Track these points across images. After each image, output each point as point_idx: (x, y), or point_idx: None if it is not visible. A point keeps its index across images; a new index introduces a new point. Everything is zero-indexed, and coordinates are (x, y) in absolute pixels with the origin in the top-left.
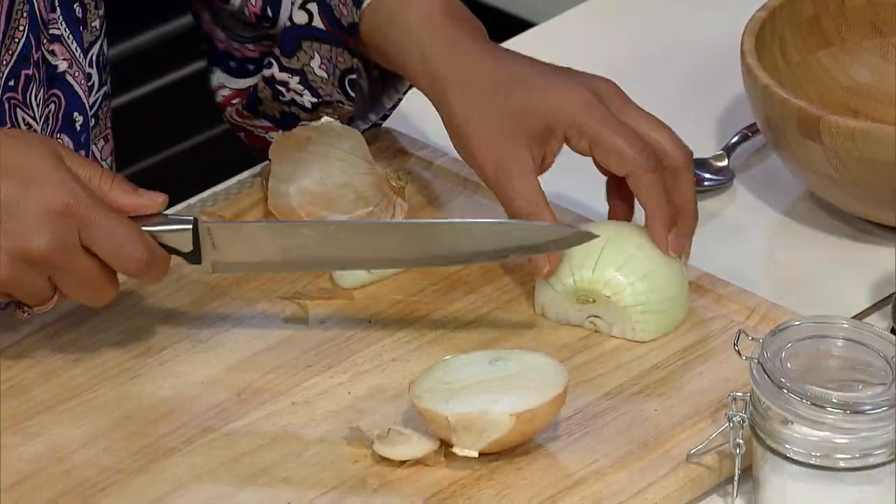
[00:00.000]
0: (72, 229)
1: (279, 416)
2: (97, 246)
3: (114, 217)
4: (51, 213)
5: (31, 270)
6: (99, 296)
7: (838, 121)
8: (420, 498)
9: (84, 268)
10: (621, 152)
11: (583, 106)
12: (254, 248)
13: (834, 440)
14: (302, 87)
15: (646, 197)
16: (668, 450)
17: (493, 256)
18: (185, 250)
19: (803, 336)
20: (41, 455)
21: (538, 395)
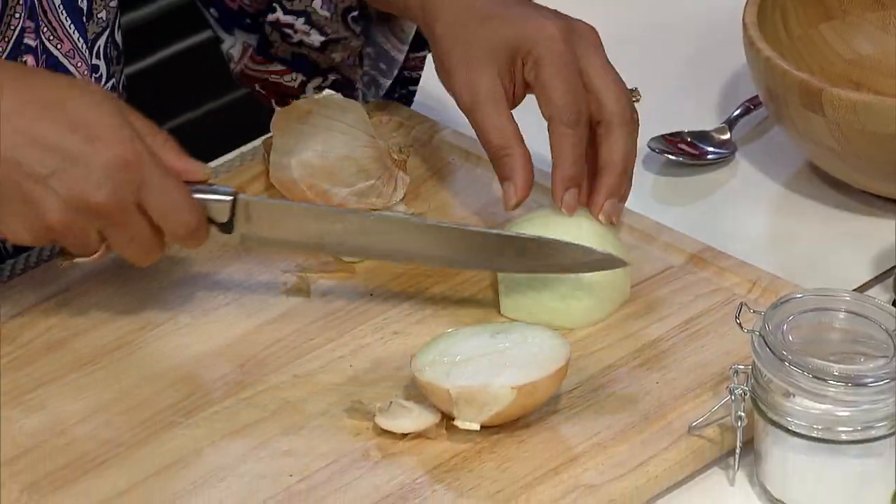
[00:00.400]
0: (131, 186)
1: (281, 388)
2: (152, 205)
3: (170, 179)
4: (113, 168)
5: (85, 221)
6: (145, 255)
7: (840, 93)
8: (422, 470)
9: (136, 226)
10: (550, 94)
11: (545, 37)
12: (289, 228)
13: (835, 413)
14: (308, 27)
15: (554, 147)
16: (670, 422)
17: (521, 269)
18: (221, 220)
19: (805, 309)
20: (42, 428)
21: (539, 368)
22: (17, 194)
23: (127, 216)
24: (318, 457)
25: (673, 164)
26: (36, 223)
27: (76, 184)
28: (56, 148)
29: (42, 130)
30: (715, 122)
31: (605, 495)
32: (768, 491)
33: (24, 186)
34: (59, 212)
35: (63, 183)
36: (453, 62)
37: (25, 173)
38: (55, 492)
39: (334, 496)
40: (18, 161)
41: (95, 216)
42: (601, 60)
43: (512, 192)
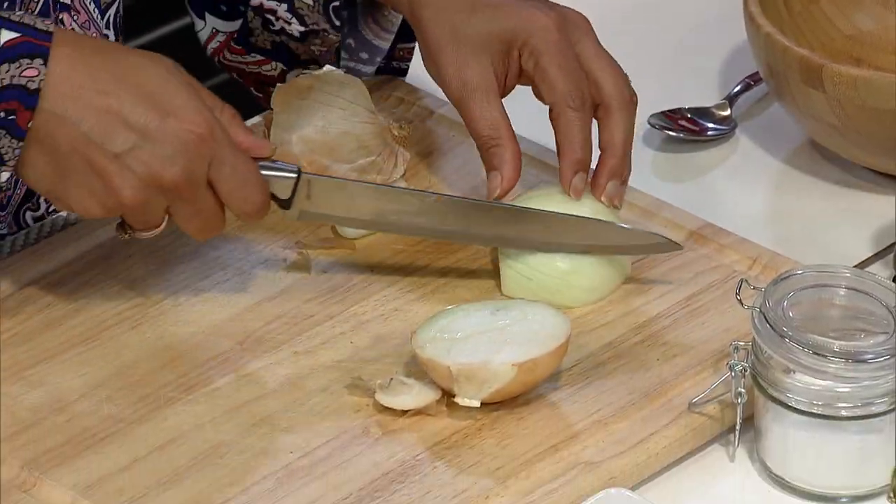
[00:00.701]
0: (203, 161)
1: (281, 365)
2: (221, 181)
3: (240, 155)
4: (187, 144)
5: (157, 198)
6: (209, 230)
7: (841, 69)
8: (422, 447)
9: (204, 201)
10: (553, 81)
11: (539, 28)
12: (348, 205)
13: (835, 389)
14: (290, 15)
15: (560, 132)
16: (670, 399)
17: (574, 249)
18: (283, 197)
19: (805, 285)
20: (42, 404)
21: (540, 345)
22: (88, 169)
23: (197, 191)
24: (318, 433)
25: (673, 140)
26: (108, 199)
27: (151, 161)
28: (130, 124)
29: (115, 105)
30: (715, 98)
31: (605, 472)
32: (768, 467)
33: (98, 162)
34: (134, 189)
35: (138, 160)
36: (442, 52)
37: (99, 149)
38: (55, 468)
39: (334, 473)
40: (91, 136)
41: (168, 192)
42: (595, 46)
43: (497, 182)
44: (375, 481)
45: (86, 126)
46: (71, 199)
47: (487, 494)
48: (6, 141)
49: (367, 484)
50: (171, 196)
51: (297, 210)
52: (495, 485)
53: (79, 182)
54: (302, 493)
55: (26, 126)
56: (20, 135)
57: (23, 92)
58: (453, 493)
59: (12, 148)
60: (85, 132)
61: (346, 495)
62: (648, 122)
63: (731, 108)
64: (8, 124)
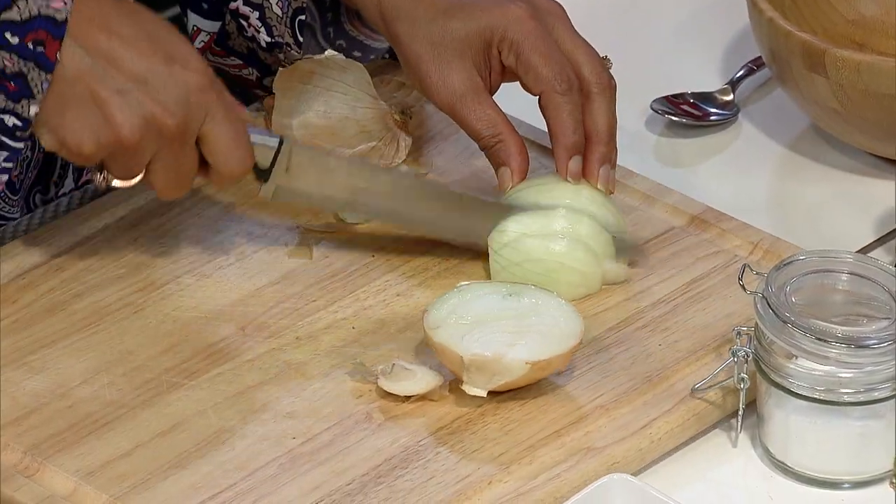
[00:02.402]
0: (201, 112)
1: (283, 350)
2: (214, 134)
3: (234, 113)
4: (189, 92)
5: (150, 141)
6: (176, 188)
7: (843, 54)
8: (425, 433)
9: (188, 154)
10: (537, 69)
11: (513, 20)
12: (324, 181)
13: (838, 374)
14: (260, 24)
15: (552, 118)
16: (672, 384)
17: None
18: (263, 165)
19: (808, 270)
20: (45, 390)
21: (553, 344)
22: (91, 100)
23: (187, 142)
24: (320, 419)
25: (675, 125)
26: (105, 134)
27: (153, 103)
28: (137, 63)
29: (125, 43)
30: (718, 83)
31: (607, 458)
32: (770, 453)
33: (102, 95)
34: (133, 127)
35: (141, 100)
36: (424, 64)
37: (104, 82)
38: (58, 454)
39: (337, 458)
40: (97, 69)
41: (162, 137)
42: (571, 31)
43: (508, 176)
44: (378, 467)
45: (95, 59)
46: (67, 131)
47: (490, 480)
48: (35, 73)
49: (369, 470)
50: (163, 141)
51: (273, 184)
52: (498, 470)
53: (78, 114)
54: (305, 478)
55: (55, 57)
56: (49, 66)
57: (50, 22)
58: (456, 479)
59: (41, 80)
60: (92, 64)
61: (348, 481)
62: (651, 107)
63: (733, 93)
64: (37, 56)
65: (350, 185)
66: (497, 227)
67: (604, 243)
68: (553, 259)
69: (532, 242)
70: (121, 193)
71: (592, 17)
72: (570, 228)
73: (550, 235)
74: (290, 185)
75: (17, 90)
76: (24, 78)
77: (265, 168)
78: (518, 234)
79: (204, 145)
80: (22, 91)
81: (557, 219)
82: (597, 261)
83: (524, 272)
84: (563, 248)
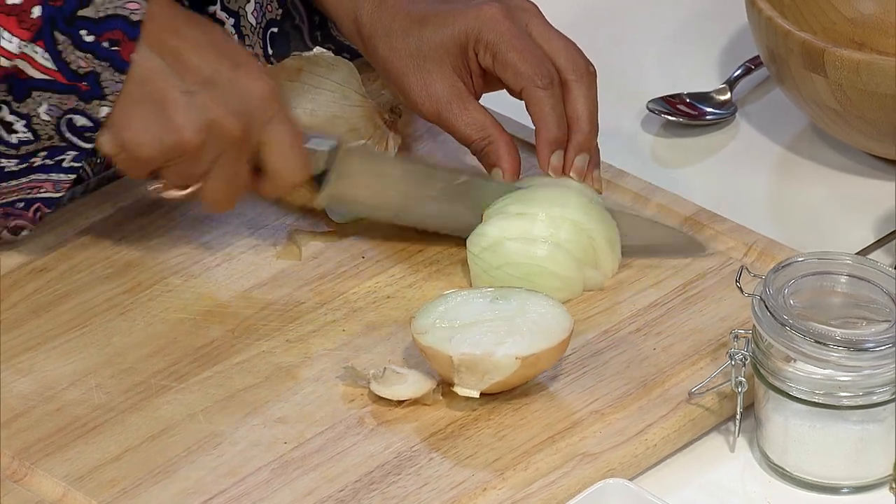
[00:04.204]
0: (263, 120)
1: (273, 353)
2: (275, 143)
3: (294, 122)
4: (254, 99)
5: (212, 147)
6: (226, 201)
7: (843, 53)
8: (418, 438)
9: (244, 164)
10: (515, 67)
11: (486, 20)
12: (377, 187)
13: (837, 378)
14: (233, 31)
15: (534, 113)
16: (668, 389)
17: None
18: (317, 171)
19: (806, 272)
20: (32, 393)
21: (543, 339)
22: (157, 99)
23: (247, 150)
24: (311, 424)
25: (672, 125)
26: (167, 136)
27: (219, 107)
28: (204, 67)
29: (193, 47)
30: (715, 82)
31: (603, 464)
32: (769, 457)
33: (169, 95)
34: (196, 131)
35: (206, 103)
36: (405, 77)
37: (172, 83)
38: (46, 458)
39: (329, 464)
40: (166, 70)
41: (223, 143)
42: (545, 25)
43: (500, 176)
44: (371, 473)
45: (164, 59)
46: (130, 132)
47: (485, 486)
48: (108, 74)
49: (362, 476)
50: (224, 147)
51: (328, 192)
52: (493, 477)
53: (143, 115)
54: (296, 484)
55: (129, 58)
56: (122, 67)
57: (125, 22)
58: (450, 485)
59: (114, 81)
60: (161, 64)
61: (341, 487)
62: (647, 107)
63: (731, 93)
64: (112, 55)
65: (404, 191)
66: (476, 231)
67: (584, 248)
68: (534, 263)
69: (512, 246)
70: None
71: (588, 16)
72: (551, 233)
73: (531, 239)
74: (344, 193)
75: (90, 90)
76: (98, 78)
77: (319, 174)
78: (498, 238)
79: (263, 154)
80: (94, 91)
81: (538, 223)
82: (578, 266)
83: (504, 276)
84: (544, 253)
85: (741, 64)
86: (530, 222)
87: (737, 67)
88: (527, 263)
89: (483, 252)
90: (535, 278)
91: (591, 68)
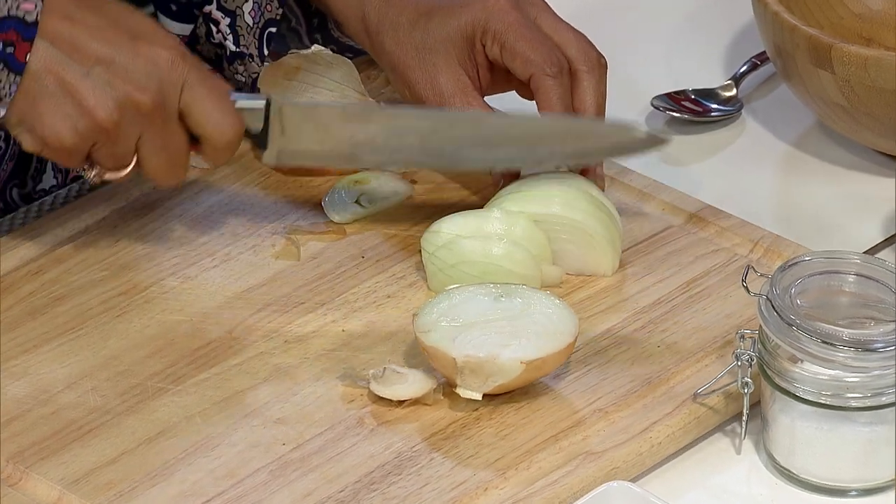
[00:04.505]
0: (175, 85)
1: (272, 354)
2: (195, 107)
3: (213, 79)
4: (158, 65)
5: (130, 122)
6: (173, 170)
7: (850, 49)
8: (419, 438)
9: (174, 132)
10: (525, 55)
11: (494, 11)
12: (322, 135)
13: (844, 379)
14: (229, 31)
15: (542, 102)
16: (672, 387)
17: (565, 158)
18: (255, 129)
19: (814, 271)
20: (27, 396)
21: (549, 342)
22: (61, 89)
23: (169, 118)
24: (311, 425)
25: (677, 122)
26: (82, 122)
27: (124, 82)
28: (100, 44)
29: (87, 28)
30: (720, 78)
31: (607, 463)
32: (775, 459)
33: (70, 82)
34: (108, 109)
35: (110, 80)
36: (410, 71)
37: (70, 68)
38: (41, 461)
39: (329, 465)
40: (63, 58)
41: (140, 116)
42: (553, 16)
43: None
44: (371, 473)
45: (58, 48)
46: (44, 125)
47: (487, 486)
48: (3, 75)
49: (362, 476)
50: (143, 120)
51: (275, 149)
52: (495, 476)
53: (51, 106)
54: (296, 485)
55: (24, 59)
56: (18, 68)
57: (20, 23)
58: (451, 486)
59: (10, 83)
60: (56, 53)
61: (341, 488)
62: (651, 104)
63: (736, 89)
64: (7, 57)
65: (347, 136)
66: (430, 229)
67: (539, 245)
68: (490, 262)
69: (468, 244)
70: (101, 194)
71: (592, 10)
72: (506, 230)
73: (486, 237)
74: (290, 147)
75: None
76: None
77: (259, 132)
78: (452, 236)
79: (188, 118)
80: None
81: (492, 220)
82: (535, 263)
83: (460, 274)
84: (500, 251)
85: (747, 60)
86: (484, 219)
87: (743, 63)
88: (483, 262)
89: (438, 250)
90: (492, 277)
91: (602, 60)
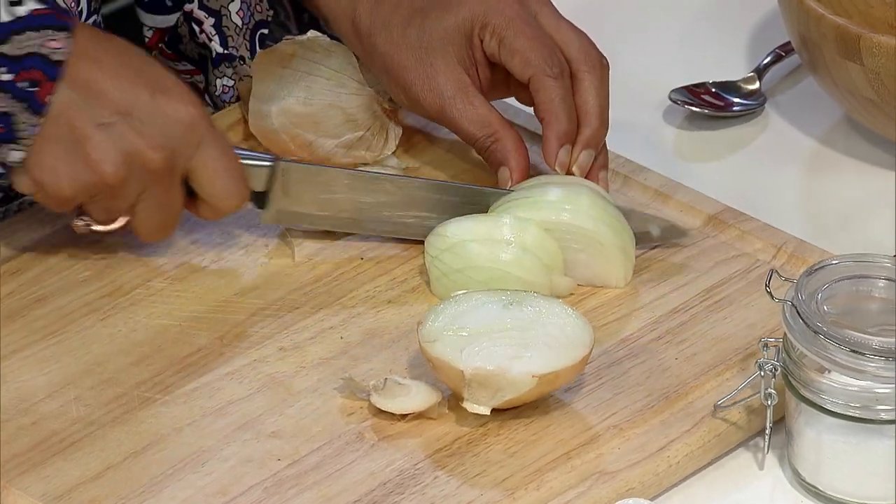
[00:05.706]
0: (190, 145)
1: (266, 362)
2: (207, 167)
3: (225, 141)
4: (176, 124)
5: (135, 180)
6: (162, 230)
7: (880, 39)
8: (422, 454)
9: (175, 193)
10: (524, 54)
11: (493, 4)
12: (325, 198)
13: (874, 390)
14: (214, 32)
15: (542, 103)
16: (691, 402)
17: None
18: (258, 189)
19: (841, 276)
20: (6, 405)
21: (562, 354)
22: (72, 135)
23: (174, 179)
24: (307, 439)
25: (696, 116)
26: (85, 174)
27: (137, 137)
28: (122, 92)
29: (107, 72)
30: (743, 71)
31: (622, 483)
32: (800, 475)
33: (83, 130)
34: (116, 164)
35: (124, 134)
36: (407, 72)
37: (85, 115)
38: (22, 475)
39: (327, 483)
40: (79, 102)
41: (147, 173)
42: (555, 14)
43: (507, 175)
44: (372, 492)
45: (76, 91)
46: (45, 172)
47: None
48: (24, 116)
49: (362, 495)
50: (149, 179)
51: (273, 209)
52: (503, 497)
53: (58, 153)
54: None
55: (46, 100)
56: (39, 109)
57: (45, 62)
58: None
59: (30, 124)
60: (73, 96)
61: None
62: (670, 98)
63: (759, 82)
64: (28, 96)
65: (352, 200)
66: (435, 232)
67: (551, 253)
68: (498, 267)
69: (476, 248)
70: None
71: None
72: (516, 236)
73: (496, 242)
74: (291, 209)
75: (3, 132)
76: (12, 120)
77: (261, 192)
78: (459, 240)
79: (194, 179)
80: (7, 134)
81: (502, 226)
82: (545, 271)
83: (465, 279)
84: (509, 257)
85: (771, 51)
86: (494, 224)
87: (766, 55)
88: (490, 267)
89: (443, 254)
90: (498, 283)
91: (604, 61)
